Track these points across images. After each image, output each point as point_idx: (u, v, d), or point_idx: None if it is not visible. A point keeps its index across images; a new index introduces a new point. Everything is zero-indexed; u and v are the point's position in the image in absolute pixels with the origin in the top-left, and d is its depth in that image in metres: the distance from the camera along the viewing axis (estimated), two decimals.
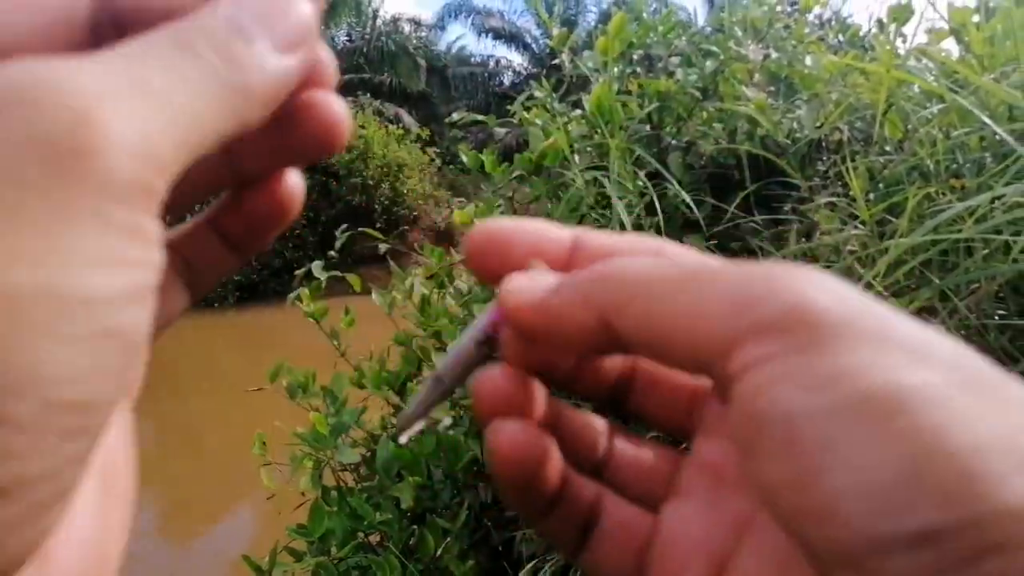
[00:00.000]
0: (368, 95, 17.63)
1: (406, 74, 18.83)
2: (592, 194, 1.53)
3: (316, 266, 1.74)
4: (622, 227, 1.35)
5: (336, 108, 0.24)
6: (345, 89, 18.39)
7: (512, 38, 21.35)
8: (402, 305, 1.68)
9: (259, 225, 0.25)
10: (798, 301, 0.17)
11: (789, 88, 1.64)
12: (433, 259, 1.73)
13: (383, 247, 1.95)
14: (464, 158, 1.76)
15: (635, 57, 1.81)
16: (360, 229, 1.99)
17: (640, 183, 1.45)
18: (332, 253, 1.78)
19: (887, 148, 1.37)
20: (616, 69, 1.64)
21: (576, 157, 1.56)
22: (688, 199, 1.40)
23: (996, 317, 1.03)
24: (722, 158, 1.57)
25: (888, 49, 1.39)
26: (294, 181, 0.25)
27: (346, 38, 20.91)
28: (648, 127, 1.66)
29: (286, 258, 15.66)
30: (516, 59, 21.98)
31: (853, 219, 1.26)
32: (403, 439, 0.29)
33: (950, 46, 1.42)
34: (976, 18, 1.31)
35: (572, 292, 0.22)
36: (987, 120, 1.06)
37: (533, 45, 21.07)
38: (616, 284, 0.21)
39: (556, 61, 1.78)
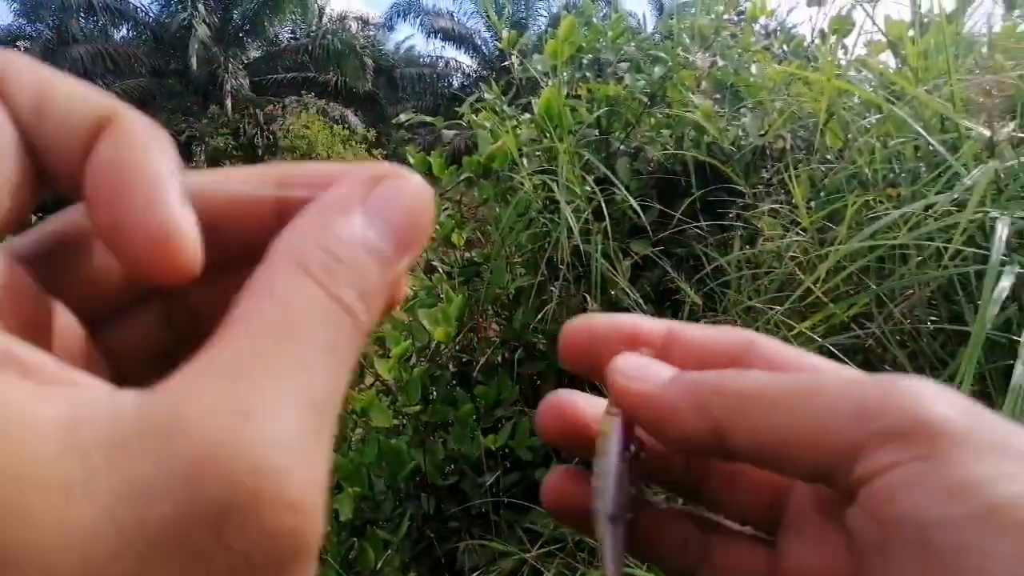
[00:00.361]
0: (312, 94, 17.34)
1: (352, 74, 18.57)
2: (540, 198, 1.52)
3: None
4: (570, 232, 1.35)
5: None
6: (288, 88, 18.05)
7: (462, 40, 21.31)
8: None
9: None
10: (919, 411, 0.19)
11: (735, 96, 1.67)
12: None
13: None
14: (411, 160, 1.73)
15: (585, 62, 1.82)
16: None
17: (588, 188, 1.45)
18: None
19: (828, 156, 1.41)
20: (565, 73, 1.64)
21: (525, 161, 1.56)
22: (635, 205, 1.41)
23: (928, 323, 1.07)
24: (669, 164, 1.58)
25: (829, 60, 1.42)
26: None
27: (290, 35, 20.54)
28: (597, 132, 1.66)
29: None
30: (466, 61, 21.96)
31: (795, 226, 1.28)
32: None
33: (888, 58, 1.47)
34: (912, 32, 1.35)
35: (686, 396, 0.23)
36: (921, 130, 1.10)
37: (483, 47, 21.07)
38: (733, 398, 0.22)
39: (506, 64, 1.77)
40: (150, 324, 0.22)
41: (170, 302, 0.22)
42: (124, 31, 18.62)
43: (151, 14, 18.25)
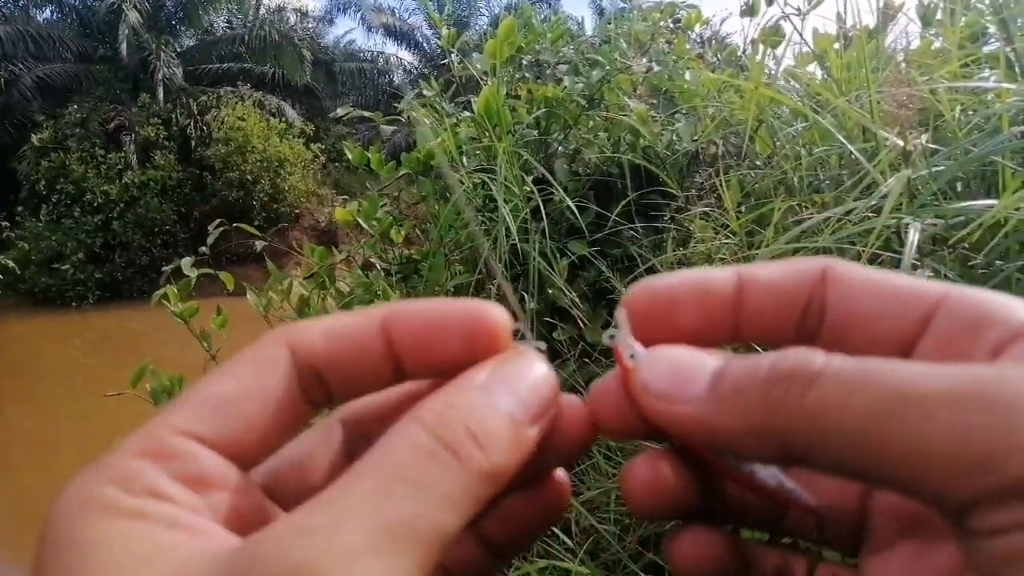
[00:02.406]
0: (249, 86, 16.87)
1: (290, 66, 18.15)
2: (479, 196, 1.53)
3: (185, 263, 1.62)
4: (508, 232, 1.36)
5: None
6: (224, 78, 17.51)
7: (403, 36, 21.12)
8: (279, 306, 1.60)
9: (524, 530, 0.25)
10: None
11: (669, 101, 1.71)
12: (314, 258, 1.67)
13: (260, 245, 1.86)
14: (349, 154, 1.71)
15: (524, 62, 1.83)
16: (236, 225, 1.88)
17: (527, 188, 1.46)
18: (203, 249, 1.67)
19: (757, 163, 1.46)
20: (505, 73, 1.64)
21: (464, 159, 1.56)
22: (572, 206, 1.43)
23: None
24: (606, 166, 1.61)
25: (760, 69, 1.47)
26: (561, 481, 0.25)
27: (226, 24, 19.94)
28: (536, 132, 1.67)
29: (154, 255, 14.70)
30: (407, 57, 21.77)
31: (725, 228, 1.32)
32: None
33: (816, 70, 1.53)
34: (837, 46, 1.41)
35: (738, 414, 0.20)
36: (843, 139, 1.15)
37: (424, 44, 20.93)
38: (803, 421, 0.19)
39: (446, 62, 1.76)
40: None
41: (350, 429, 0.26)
42: (48, 13, 17.73)
43: None
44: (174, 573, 0.18)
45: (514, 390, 0.21)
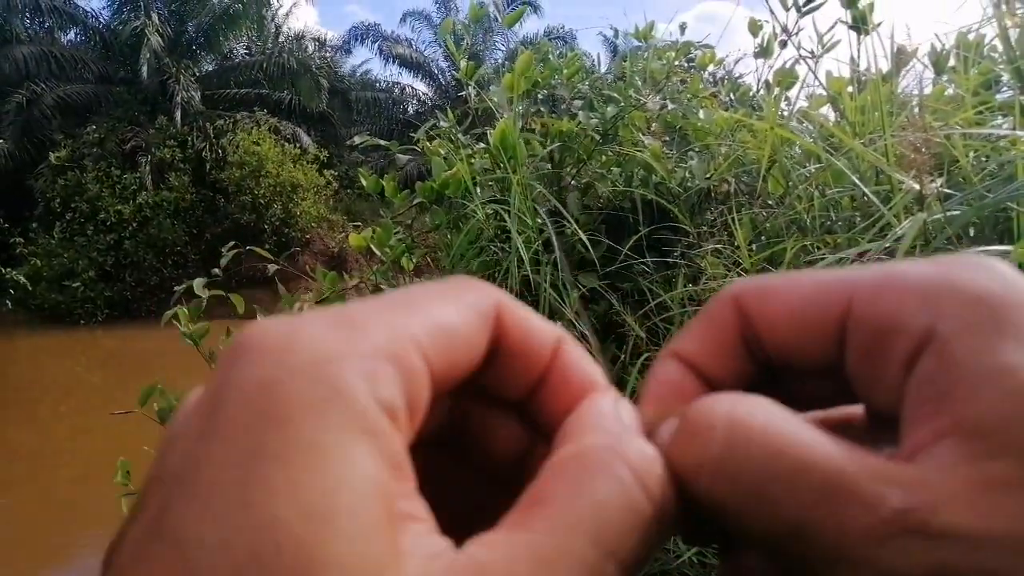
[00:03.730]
0: (265, 111, 17.12)
1: (307, 93, 18.44)
2: (492, 227, 1.53)
3: (197, 283, 1.63)
4: (520, 262, 1.36)
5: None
6: (241, 103, 17.79)
7: (419, 67, 21.45)
8: None
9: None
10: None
11: (683, 139, 1.72)
12: (325, 283, 1.68)
13: (271, 268, 1.87)
14: (363, 181, 1.72)
15: (540, 96, 1.85)
16: (249, 248, 1.90)
17: (539, 220, 1.46)
18: (216, 271, 1.68)
19: (769, 202, 1.46)
20: (521, 106, 1.66)
21: (478, 189, 1.57)
22: (584, 238, 1.43)
23: None
24: (618, 201, 1.62)
25: (773, 110, 1.49)
26: None
27: (245, 51, 20.31)
28: (549, 166, 1.69)
29: (164, 276, 14.79)
30: (422, 88, 22.09)
31: (736, 266, 1.32)
32: None
33: (829, 112, 1.54)
34: (850, 88, 1.42)
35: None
36: (857, 181, 1.15)
37: (439, 76, 21.24)
38: (692, 481, 0.19)
39: (462, 94, 1.79)
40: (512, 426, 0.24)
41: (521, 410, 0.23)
42: (72, 35, 18.12)
43: (102, 20, 17.83)
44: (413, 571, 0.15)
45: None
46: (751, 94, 1.97)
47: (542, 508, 0.17)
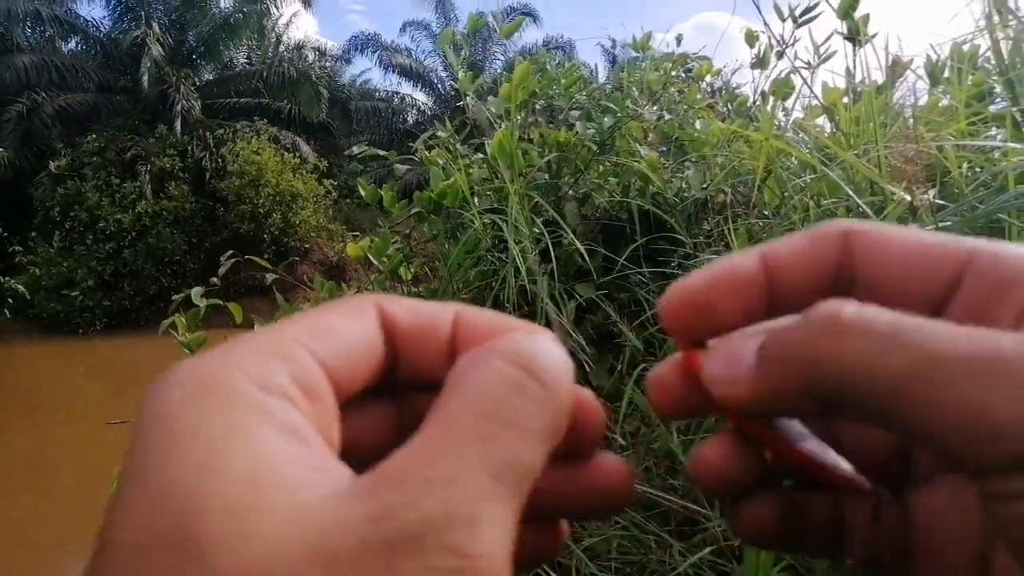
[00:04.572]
0: (265, 121, 17.16)
1: (307, 103, 18.49)
2: (489, 236, 1.54)
3: (195, 292, 1.64)
4: (517, 272, 1.37)
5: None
6: (241, 112, 17.83)
7: (418, 77, 21.53)
8: None
9: (586, 504, 0.25)
10: None
11: (679, 149, 1.73)
12: (323, 292, 1.68)
13: (270, 278, 1.87)
14: (362, 191, 1.73)
15: (537, 107, 1.87)
16: (247, 257, 1.90)
17: (536, 229, 1.47)
18: (214, 280, 1.68)
19: (765, 212, 1.47)
20: (519, 117, 1.68)
21: (476, 199, 1.58)
22: (581, 248, 1.44)
23: None
24: (615, 211, 1.62)
25: (769, 120, 1.49)
26: (616, 465, 0.25)
27: (245, 60, 20.38)
28: (547, 176, 1.70)
29: (163, 285, 14.77)
30: (421, 98, 22.16)
31: None
32: None
33: (824, 123, 1.55)
34: (845, 99, 1.43)
35: (778, 375, 0.21)
36: (851, 192, 1.16)
37: (439, 86, 21.32)
38: (836, 374, 0.19)
39: (461, 104, 1.80)
40: (382, 417, 0.26)
41: (401, 403, 0.26)
42: (73, 44, 18.19)
43: (102, 29, 17.90)
44: (299, 495, 0.17)
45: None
46: (748, 105, 1.98)
47: (430, 414, 0.19)
